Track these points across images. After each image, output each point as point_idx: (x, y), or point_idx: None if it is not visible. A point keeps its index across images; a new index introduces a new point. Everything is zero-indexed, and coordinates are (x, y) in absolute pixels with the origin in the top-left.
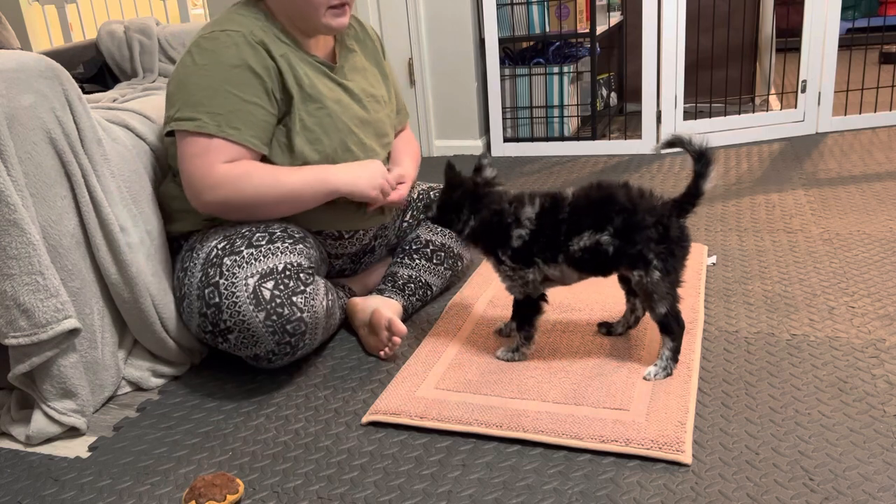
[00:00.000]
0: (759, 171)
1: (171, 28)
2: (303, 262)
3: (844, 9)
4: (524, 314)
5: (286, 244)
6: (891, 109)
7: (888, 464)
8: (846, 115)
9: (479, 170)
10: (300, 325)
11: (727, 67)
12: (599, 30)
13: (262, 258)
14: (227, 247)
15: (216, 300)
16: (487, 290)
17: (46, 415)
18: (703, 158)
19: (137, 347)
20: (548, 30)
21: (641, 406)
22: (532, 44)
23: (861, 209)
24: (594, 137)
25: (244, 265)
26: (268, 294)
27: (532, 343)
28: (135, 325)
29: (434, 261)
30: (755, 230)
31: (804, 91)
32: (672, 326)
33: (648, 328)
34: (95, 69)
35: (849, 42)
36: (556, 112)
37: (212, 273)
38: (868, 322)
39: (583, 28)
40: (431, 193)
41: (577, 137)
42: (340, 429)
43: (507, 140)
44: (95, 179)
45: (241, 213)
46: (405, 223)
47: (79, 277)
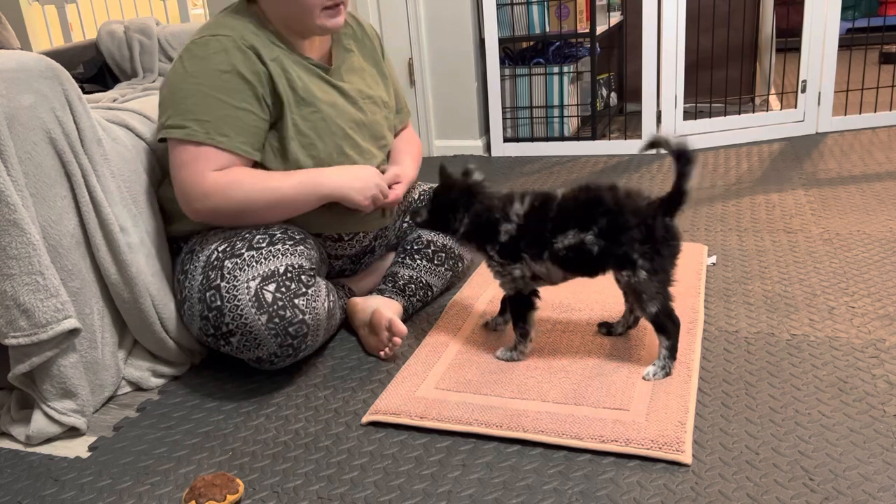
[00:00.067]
0: (759, 171)
1: (171, 28)
2: (304, 264)
3: (844, 9)
4: (516, 310)
5: (287, 246)
6: (891, 109)
7: (888, 464)
8: (846, 115)
9: (467, 174)
10: (302, 328)
11: (727, 67)
12: (599, 30)
13: (263, 260)
14: (228, 249)
15: (218, 303)
16: (487, 290)
17: (46, 415)
18: (683, 158)
19: (137, 347)
20: (548, 30)
21: (641, 406)
22: (532, 44)
23: (861, 209)
24: (594, 137)
25: (245, 268)
26: (270, 297)
27: (529, 340)
28: (135, 326)
29: (435, 261)
30: (755, 230)
31: (804, 91)
32: (666, 325)
33: (648, 328)
34: (95, 69)
35: (849, 42)
36: (556, 112)
37: (213, 276)
38: (868, 322)
39: (583, 28)
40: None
41: (577, 137)
42: (340, 429)
43: (507, 140)
44: (95, 179)
45: (233, 221)
46: (406, 223)
47: (79, 277)
